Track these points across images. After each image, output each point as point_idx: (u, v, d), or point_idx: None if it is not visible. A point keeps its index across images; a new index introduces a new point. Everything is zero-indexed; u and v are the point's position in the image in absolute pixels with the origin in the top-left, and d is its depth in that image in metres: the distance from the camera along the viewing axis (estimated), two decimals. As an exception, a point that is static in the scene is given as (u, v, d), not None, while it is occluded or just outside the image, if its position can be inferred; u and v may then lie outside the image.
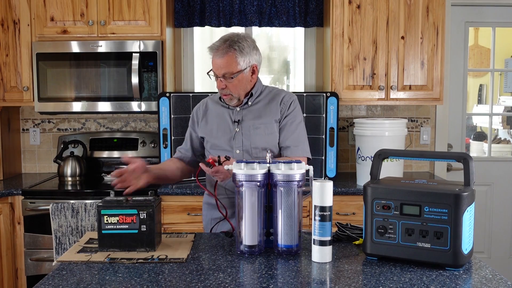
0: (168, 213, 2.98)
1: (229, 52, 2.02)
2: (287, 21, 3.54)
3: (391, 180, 1.72)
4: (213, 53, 2.05)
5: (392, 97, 3.27)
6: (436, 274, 1.49)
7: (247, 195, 1.67)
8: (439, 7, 3.21)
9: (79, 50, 3.20)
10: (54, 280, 1.47)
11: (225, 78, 2.04)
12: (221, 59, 2.02)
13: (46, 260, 3.02)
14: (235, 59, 2.02)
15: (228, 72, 2.03)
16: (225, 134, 2.14)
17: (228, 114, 2.17)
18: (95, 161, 3.56)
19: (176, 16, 3.55)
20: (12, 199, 3.06)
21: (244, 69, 2.05)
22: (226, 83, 2.05)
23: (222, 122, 2.16)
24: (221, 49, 2.02)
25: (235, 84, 2.06)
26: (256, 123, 2.12)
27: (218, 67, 2.04)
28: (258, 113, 2.14)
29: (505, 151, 4.24)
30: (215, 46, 2.05)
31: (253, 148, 2.11)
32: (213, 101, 2.24)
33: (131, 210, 1.70)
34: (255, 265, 1.59)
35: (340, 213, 2.98)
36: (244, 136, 2.12)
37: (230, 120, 2.15)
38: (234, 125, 2.14)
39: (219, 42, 2.05)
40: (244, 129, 2.12)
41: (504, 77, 4.18)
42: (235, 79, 2.05)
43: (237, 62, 2.03)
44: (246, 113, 2.15)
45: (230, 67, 2.03)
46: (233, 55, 2.02)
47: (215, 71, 2.06)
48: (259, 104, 2.17)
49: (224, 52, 2.02)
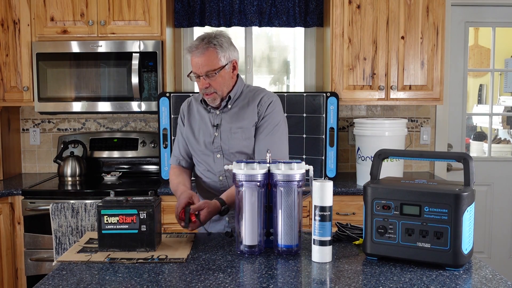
0: (168, 213, 2.98)
1: (209, 48, 1.96)
2: (287, 21, 3.54)
3: (391, 180, 1.72)
4: (192, 53, 1.98)
5: (392, 97, 3.27)
6: (436, 274, 1.49)
7: (247, 195, 1.67)
8: (439, 7, 3.21)
9: (79, 50, 3.20)
10: (54, 280, 1.47)
11: (208, 77, 1.98)
12: (202, 56, 1.96)
13: (46, 260, 3.02)
14: (216, 55, 1.97)
15: (210, 70, 1.97)
16: (205, 138, 2.10)
17: (208, 117, 2.12)
18: (95, 161, 3.56)
19: (176, 16, 3.55)
20: (12, 199, 3.06)
21: (225, 65, 2.00)
22: (209, 81, 1.99)
23: (204, 125, 2.12)
24: (200, 47, 1.96)
25: (219, 81, 2.00)
26: (234, 128, 2.06)
27: (199, 65, 1.97)
28: (236, 117, 2.07)
29: (505, 151, 4.24)
30: (193, 45, 1.98)
31: (231, 153, 2.06)
32: (197, 101, 2.18)
33: (131, 210, 1.70)
34: (255, 265, 1.59)
35: (340, 213, 2.98)
36: (223, 140, 2.06)
37: (210, 124, 2.11)
38: (213, 129, 2.09)
39: (196, 41, 1.99)
40: (223, 133, 2.07)
41: (504, 77, 4.18)
42: (218, 76, 1.99)
43: (218, 58, 1.98)
44: (224, 117, 2.09)
45: (212, 64, 1.97)
46: (213, 51, 1.96)
47: (196, 71, 1.98)
48: (238, 107, 2.09)
49: (204, 49, 1.95)
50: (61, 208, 2.43)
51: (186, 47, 2.02)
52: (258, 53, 3.82)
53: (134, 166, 3.57)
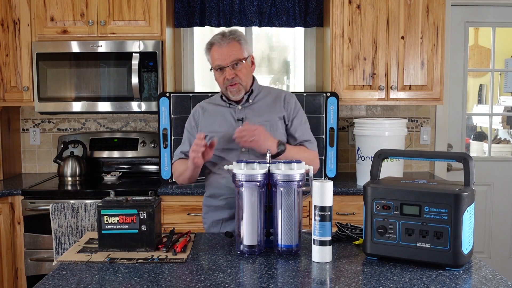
0: (168, 213, 2.98)
1: (234, 40, 2.07)
2: (287, 21, 3.54)
3: (391, 180, 1.72)
4: (215, 46, 2.08)
5: (392, 97, 3.27)
6: (436, 274, 1.49)
7: (247, 195, 1.67)
8: (439, 7, 3.21)
9: (79, 50, 3.20)
10: (54, 280, 1.47)
11: (233, 67, 2.07)
12: (227, 47, 2.06)
13: (46, 260, 3.02)
14: (240, 46, 2.08)
15: (235, 59, 2.06)
16: (229, 133, 2.12)
17: (229, 113, 2.17)
18: (95, 161, 3.56)
19: (176, 16, 3.55)
20: (12, 199, 3.06)
21: (247, 57, 2.11)
22: (235, 72, 2.07)
23: (224, 121, 2.16)
24: (225, 39, 2.07)
25: (244, 72, 2.10)
26: (261, 121, 2.11)
27: (225, 56, 2.06)
28: (261, 111, 2.15)
29: (505, 151, 4.24)
30: (217, 38, 2.08)
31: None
32: (210, 103, 2.24)
33: (131, 210, 1.70)
34: (255, 265, 1.59)
35: (340, 213, 2.98)
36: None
37: (233, 119, 2.15)
38: (238, 123, 2.13)
39: (219, 35, 2.09)
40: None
41: (504, 77, 4.18)
42: (243, 67, 2.09)
43: (242, 49, 2.09)
44: (248, 112, 2.15)
45: (237, 54, 2.07)
46: (237, 42, 2.08)
47: (221, 62, 2.07)
48: (260, 102, 2.18)
49: (229, 40, 2.06)
50: (61, 208, 2.43)
51: (207, 43, 2.12)
52: (258, 53, 3.82)
53: (134, 166, 3.57)
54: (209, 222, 2.24)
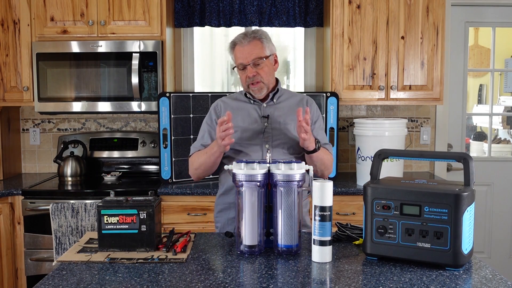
0: (168, 213, 2.98)
1: (255, 38, 2.10)
2: (287, 21, 3.54)
3: (391, 180, 1.72)
4: (237, 45, 2.11)
5: (392, 97, 3.27)
6: (436, 274, 1.49)
7: (247, 195, 1.67)
8: (439, 7, 3.21)
9: (79, 50, 3.20)
10: (54, 280, 1.47)
11: (254, 65, 2.08)
12: (248, 45, 2.09)
13: (46, 260, 3.02)
14: (262, 44, 2.10)
15: (257, 57, 2.08)
16: (253, 128, 2.13)
17: (254, 109, 2.17)
18: (95, 161, 3.56)
19: (176, 16, 3.55)
20: (12, 199, 3.06)
21: (269, 56, 2.12)
22: (256, 70, 2.09)
23: (248, 117, 2.15)
24: (246, 38, 2.10)
25: (265, 71, 2.11)
26: (287, 120, 2.14)
27: (247, 54, 2.08)
28: (285, 110, 2.17)
29: (505, 151, 4.24)
30: (239, 37, 2.12)
31: (282, 143, 2.11)
32: (232, 99, 2.23)
33: (131, 210, 1.71)
34: (255, 265, 1.59)
35: (340, 213, 2.98)
36: (274, 131, 2.12)
37: (258, 115, 2.15)
38: (263, 120, 2.14)
39: (242, 35, 2.13)
40: (274, 123, 2.13)
41: (504, 77, 4.18)
42: (265, 65, 2.10)
43: (264, 47, 2.11)
44: (273, 109, 2.16)
45: (259, 52, 2.09)
46: (259, 41, 2.10)
47: (242, 61, 2.09)
48: (285, 103, 2.20)
49: (251, 39, 2.10)
50: (61, 208, 2.43)
51: (230, 43, 2.15)
52: (258, 53, 3.81)
53: (134, 166, 3.57)
54: (223, 221, 2.21)
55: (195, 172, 2.16)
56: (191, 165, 2.18)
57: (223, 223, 2.21)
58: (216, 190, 2.36)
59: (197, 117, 3.17)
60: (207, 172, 2.12)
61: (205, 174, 2.14)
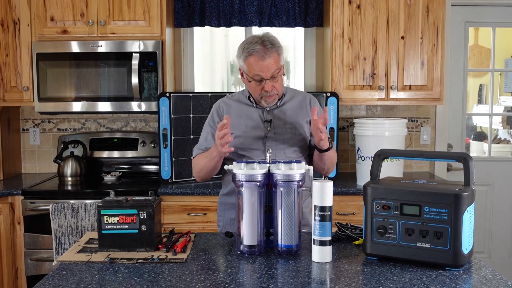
0: (168, 213, 2.98)
1: (273, 51, 2.00)
2: (287, 21, 3.54)
3: (391, 180, 1.72)
4: (255, 56, 1.99)
5: (392, 97, 3.27)
6: (436, 274, 1.49)
7: (247, 195, 1.67)
8: (439, 7, 3.21)
9: (79, 50, 3.20)
10: (54, 280, 1.47)
11: (273, 79, 2.02)
12: (270, 59, 1.99)
13: (46, 260, 3.02)
14: (279, 57, 2.03)
15: (275, 71, 2.02)
16: (256, 133, 2.11)
17: (257, 113, 2.14)
18: (95, 161, 3.56)
19: (176, 16, 3.55)
20: (12, 199, 3.06)
21: (283, 65, 2.07)
22: (273, 83, 2.03)
23: (251, 121, 2.13)
24: (267, 51, 1.99)
25: (280, 83, 2.07)
26: (289, 123, 2.12)
27: (267, 68, 1.99)
28: (288, 114, 2.14)
29: (505, 151, 4.24)
30: (256, 48, 1.99)
31: (286, 147, 2.10)
32: (234, 100, 2.20)
33: (131, 210, 1.71)
34: (255, 265, 1.59)
35: (340, 213, 2.98)
36: (277, 135, 2.11)
37: (260, 120, 2.13)
38: (266, 124, 2.12)
39: (259, 46, 2.00)
40: (277, 128, 2.11)
41: (504, 77, 4.18)
42: (279, 77, 2.05)
43: (280, 59, 2.04)
44: (275, 113, 2.14)
45: (277, 65, 2.02)
46: (276, 53, 2.02)
47: (262, 74, 2.00)
48: (287, 105, 2.16)
49: (270, 53, 1.99)
50: (61, 208, 2.43)
51: (245, 50, 2.01)
52: (258, 53, 3.81)
53: (134, 166, 3.57)
54: (226, 220, 2.21)
55: (198, 174, 2.17)
56: (194, 167, 2.19)
57: (224, 222, 2.22)
58: (216, 190, 2.36)
59: (197, 117, 3.17)
60: (210, 174, 2.13)
61: (208, 176, 2.14)
